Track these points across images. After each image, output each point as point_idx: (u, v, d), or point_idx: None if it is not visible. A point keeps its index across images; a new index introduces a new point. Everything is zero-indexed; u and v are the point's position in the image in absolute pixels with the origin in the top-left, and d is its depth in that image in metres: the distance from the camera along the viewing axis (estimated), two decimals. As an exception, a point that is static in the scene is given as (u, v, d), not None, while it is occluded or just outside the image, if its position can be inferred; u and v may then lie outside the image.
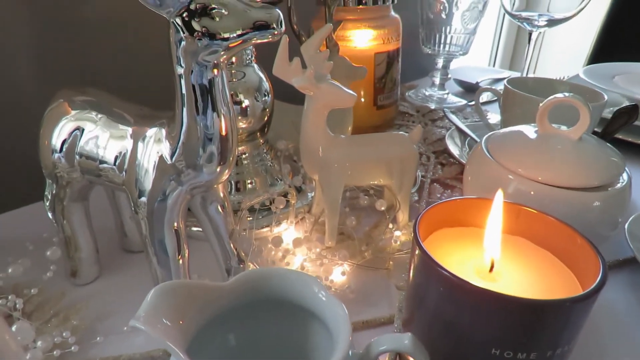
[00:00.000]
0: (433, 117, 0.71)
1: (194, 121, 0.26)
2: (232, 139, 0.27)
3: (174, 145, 0.27)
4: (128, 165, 0.28)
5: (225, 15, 0.23)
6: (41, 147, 0.31)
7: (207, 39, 0.24)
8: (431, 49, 0.76)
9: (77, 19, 0.51)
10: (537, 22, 0.63)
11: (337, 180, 0.39)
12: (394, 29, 0.61)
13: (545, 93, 0.54)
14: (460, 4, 0.71)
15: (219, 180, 0.29)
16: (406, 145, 0.40)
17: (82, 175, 0.30)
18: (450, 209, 0.29)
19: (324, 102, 0.37)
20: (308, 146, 0.38)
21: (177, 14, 0.23)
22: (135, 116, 0.29)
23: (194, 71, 0.25)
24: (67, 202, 0.33)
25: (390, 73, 0.63)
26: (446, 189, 0.49)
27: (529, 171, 0.34)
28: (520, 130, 0.38)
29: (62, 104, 0.31)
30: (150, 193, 0.28)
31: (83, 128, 0.29)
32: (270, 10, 0.24)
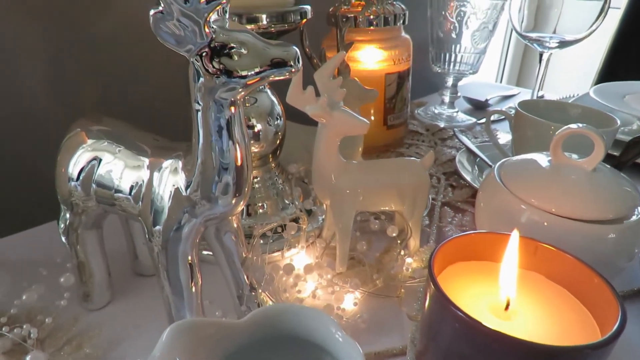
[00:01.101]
0: (443, 136, 0.71)
1: (210, 156, 0.26)
2: (247, 170, 0.28)
3: (189, 178, 0.27)
4: (144, 196, 0.29)
5: (244, 53, 0.23)
6: (58, 175, 0.31)
7: (225, 76, 0.24)
8: (441, 68, 0.76)
9: (91, 34, 0.51)
10: (549, 43, 0.63)
11: (349, 206, 0.39)
12: (405, 50, 0.62)
13: (557, 116, 0.54)
14: (470, 23, 0.72)
15: (233, 212, 0.29)
16: (418, 171, 0.40)
17: (98, 204, 0.31)
18: (465, 243, 0.29)
19: (337, 129, 0.37)
20: (320, 172, 0.39)
21: (196, 53, 0.23)
22: (153, 147, 0.29)
23: (211, 108, 0.25)
24: (82, 230, 0.33)
25: (401, 93, 0.63)
26: (457, 213, 0.49)
27: (542, 202, 0.34)
28: (534, 159, 0.38)
29: (79, 133, 0.31)
30: (165, 223, 0.28)
31: (101, 158, 0.30)
32: (288, 47, 0.25)
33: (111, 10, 0.52)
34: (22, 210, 0.48)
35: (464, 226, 0.47)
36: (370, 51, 0.60)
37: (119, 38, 0.54)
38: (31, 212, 0.47)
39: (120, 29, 0.53)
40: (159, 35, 0.22)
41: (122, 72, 0.55)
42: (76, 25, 0.50)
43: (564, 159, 0.36)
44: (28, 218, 0.47)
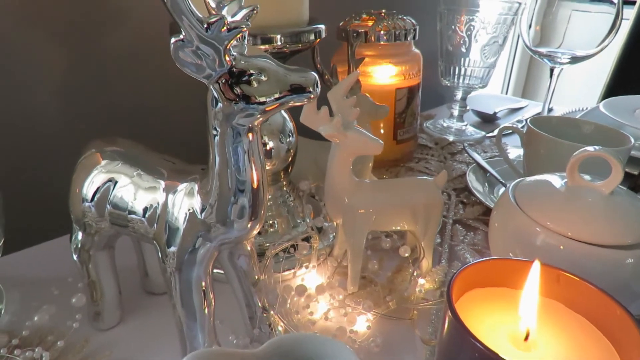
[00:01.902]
0: (452, 151, 0.70)
1: (226, 181, 0.26)
2: (263, 193, 0.27)
3: (205, 201, 0.27)
4: (159, 218, 0.28)
5: (264, 80, 0.23)
6: (72, 194, 0.31)
7: (244, 102, 0.24)
8: (450, 82, 0.76)
9: (103, 51, 0.52)
10: (560, 59, 0.63)
11: (362, 226, 0.39)
12: (415, 65, 0.62)
13: (569, 132, 0.54)
14: (479, 37, 0.72)
15: (248, 236, 0.28)
16: (431, 191, 0.40)
17: (111, 225, 0.30)
18: (483, 269, 0.28)
19: (351, 149, 0.37)
20: (333, 192, 0.38)
21: (216, 80, 0.23)
22: (169, 170, 0.29)
23: (229, 134, 0.25)
24: (94, 251, 0.33)
25: (411, 108, 0.63)
26: (469, 231, 0.49)
27: (558, 226, 0.34)
28: (549, 181, 0.38)
29: (94, 154, 0.31)
30: (180, 246, 0.28)
31: (116, 180, 0.29)
32: (306, 73, 0.24)
33: (125, 25, 0.52)
34: (32, 225, 0.48)
35: (476, 245, 0.47)
36: (380, 66, 0.60)
37: (133, 52, 0.54)
38: (41, 227, 0.47)
39: (133, 43, 0.54)
40: (179, 62, 0.22)
41: (134, 85, 0.56)
42: (91, 40, 0.51)
43: (581, 182, 0.35)
44: (38, 233, 0.47)
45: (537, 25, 0.64)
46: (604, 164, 0.34)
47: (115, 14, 0.51)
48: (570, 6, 0.65)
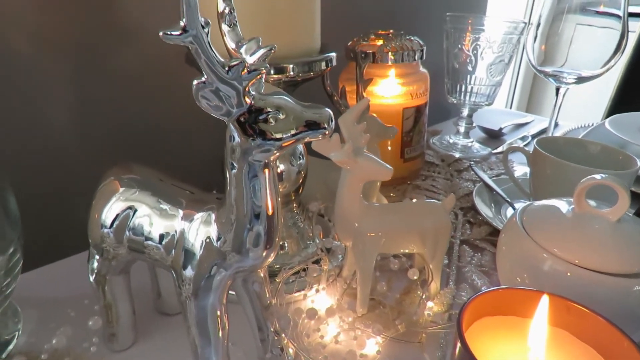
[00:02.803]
0: (458, 168, 0.71)
1: (243, 213, 0.27)
2: (278, 223, 0.28)
3: (221, 230, 0.28)
4: (177, 245, 0.29)
5: (281, 118, 0.24)
6: (91, 220, 0.32)
7: (261, 139, 0.25)
8: (457, 99, 0.77)
9: (112, 70, 0.53)
10: (566, 79, 0.64)
11: (371, 249, 0.40)
12: (422, 84, 0.62)
13: (576, 153, 0.54)
14: (485, 55, 0.73)
15: (263, 264, 0.29)
16: (440, 214, 0.41)
17: (129, 251, 0.31)
18: (493, 298, 0.29)
19: (361, 175, 0.37)
20: (343, 216, 0.39)
21: (235, 118, 0.24)
22: (187, 199, 0.30)
23: (245, 169, 0.26)
24: (110, 276, 0.34)
25: (418, 126, 0.64)
26: (476, 252, 0.49)
27: (565, 253, 0.34)
28: (556, 207, 0.38)
29: (112, 181, 0.32)
30: (196, 272, 0.29)
31: (135, 208, 0.30)
32: (321, 110, 0.25)
33: (133, 45, 0.53)
34: (47, 243, 0.49)
35: (483, 266, 0.47)
36: (388, 86, 0.61)
37: (141, 71, 0.55)
38: (56, 244, 0.48)
39: (142, 63, 0.55)
40: (200, 102, 0.23)
41: (142, 103, 0.57)
42: (101, 59, 0.52)
43: (588, 209, 0.36)
44: (53, 251, 0.48)
45: (543, 44, 0.65)
46: (611, 188, 0.35)
47: (124, 34, 0.52)
48: (574, 20, 0.66)
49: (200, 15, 0.21)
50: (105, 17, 0.50)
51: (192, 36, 0.21)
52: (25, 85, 0.47)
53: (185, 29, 0.20)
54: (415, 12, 0.87)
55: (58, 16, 0.47)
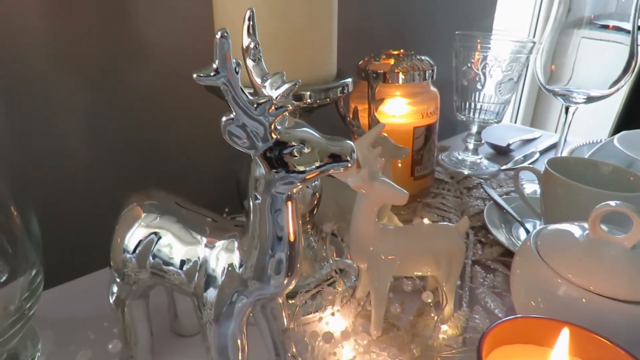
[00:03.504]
0: (468, 185, 0.71)
1: (265, 242, 0.27)
2: (299, 252, 0.29)
3: (244, 258, 0.28)
4: (199, 271, 0.30)
5: (305, 152, 0.25)
6: (114, 245, 0.33)
7: (284, 171, 0.25)
8: (465, 116, 0.77)
9: (127, 90, 0.54)
10: (575, 99, 0.64)
11: (386, 272, 0.40)
12: (433, 103, 0.63)
13: (587, 173, 0.55)
14: (494, 74, 0.73)
15: (283, 292, 0.30)
16: (453, 237, 0.41)
17: (151, 277, 0.32)
18: (512, 328, 0.29)
19: (377, 200, 0.38)
20: (358, 240, 0.39)
21: (261, 153, 0.25)
22: (210, 227, 0.30)
23: (268, 201, 0.26)
24: (130, 300, 0.34)
25: (428, 145, 0.64)
26: (488, 273, 0.49)
27: (580, 279, 0.34)
28: (571, 232, 0.39)
29: (135, 207, 0.32)
30: (218, 299, 0.29)
31: (159, 234, 0.31)
32: (344, 143, 0.26)
33: (147, 67, 0.54)
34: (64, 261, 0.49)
35: (496, 288, 0.47)
36: (399, 105, 0.62)
37: (154, 91, 0.56)
38: (73, 263, 0.49)
39: (155, 83, 0.56)
40: (227, 137, 0.24)
41: (156, 122, 0.57)
42: (116, 79, 0.53)
43: (603, 235, 0.36)
44: (70, 269, 0.48)
45: (552, 64, 0.65)
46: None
47: (138, 55, 0.53)
48: (581, 34, 0.66)
49: (232, 56, 0.21)
50: (121, 38, 0.51)
51: (224, 78, 0.21)
52: (43, 105, 0.48)
53: (217, 71, 0.21)
54: (424, 30, 0.88)
55: (76, 37, 0.48)
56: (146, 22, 0.52)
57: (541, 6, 1.68)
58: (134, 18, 0.52)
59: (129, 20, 0.51)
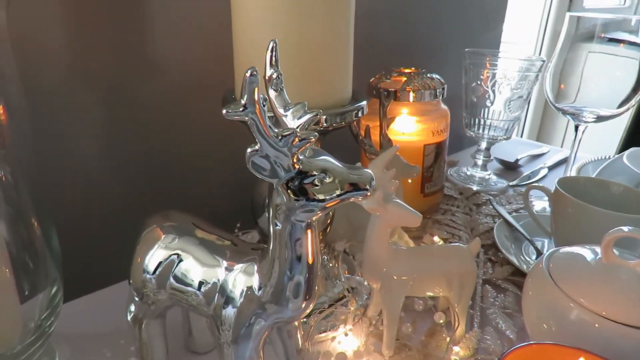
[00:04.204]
0: (477, 202, 0.72)
1: (284, 268, 0.28)
2: (317, 276, 0.29)
3: (263, 281, 0.29)
4: (218, 293, 0.30)
5: (327, 181, 0.25)
6: (134, 264, 0.34)
7: (305, 199, 0.26)
8: (474, 133, 0.78)
9: (139, 102, 0.55)
10: (585, 118, 0.65)
11: (398, 292, 0.40)
12: (443, 121, 0.64)
13: (597, 193, 0.55)
14: (503, 90, 0.74)
15: (301, 316, 0.30)
16: (465, 258, 0.41)
17: (170, 297, 0.32)
18: (527, 354, 0.30)
19: (391, 222, 0.38)
20: (372, 260, 0.40)
21: (283, 182, 0.25)
22: (230, 250, 0.31)
23: (288, 228, 0.27)
24: (147, 320, 0.35)
25: (438, 162, 0.65)
26: (499, 293, 0.50)
27: (592, 304, 0.35)
28: (583, 255, 0.39)
29: (155, 229, 0.33)
30: (236, 320, 0.30)
31: (180, 256, 0.32)
32: (363, 172, 0.27)
33: (159, 79, 0.55)
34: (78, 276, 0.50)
35: (506, 308, 0.47)
36: (409, 123, 0.62)
37: (166, 103, 0.57)
38: (88, 278, 0.49)
39: (166, 95, 0.56)
40: (251, 167, 0.25)
41: (167, 133, 0.58)
42: (128, 91, 0.53)
43: (615, 260, 0.37)
44: (85, 284, 0.49)
45: (561, 83, 0.66)
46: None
47: (150, 68, 0.54)
48: (588, 48, 0.67)
49: (259, 92, 0.22)
50: (133, 52, 0.52)
51: (251, 113, 0.22)
52: (58, 119, 0.49)
53: (245, 106, 0.22)
54: (433, 46, 0.89)
55: (90, 53, 0.49)
56: (158, 36, 0.53)
57: (548, 19, 1.69)
58: (147, 32, 0.53)
59: (142, 34, 0.52)
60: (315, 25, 0.37)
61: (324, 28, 0.37)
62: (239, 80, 0.41)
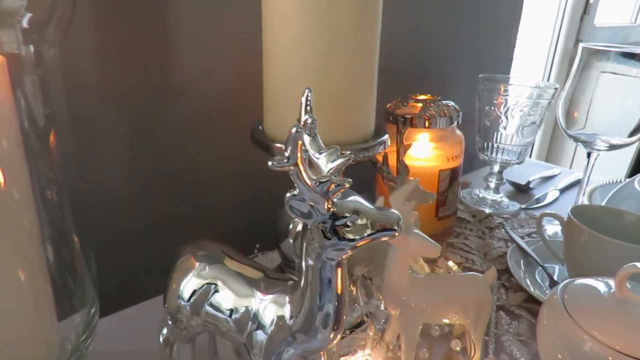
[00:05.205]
0: (490, 225, 0.73)
1: (315, 301, 0.30)
2: (345, 309, 0.31)
3: (294, 312, 0.31)
4: (251, 322, 0.32)
5: (359, 223, 0.27)
6: (170, 290, 0.35)
7: (336, 239, 0.28)
8: (487, 156, 0.79)
9: (164, 124, 0.57)
10: (597, 146, 0.66)
11: (417, 319, 0.42)
12: (458, 147, 0.65)
13: (610, 222, 0.56)
14: (516, 116, 0.75)
15: (329, 346, 0.32)
16: (481, 287, 0.43)
17: (204, 324, 0.34)
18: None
19: (411, 252, 0.40)
20: (391, 290, 0.41)
21: (318, 223, 0.27)
22: (264, 281, 0.33)
23: (319, 266, 0.29)
24: (178, 343, 0.37)
25: (452, 187, 0.66)
26: (513, 320, 0.51)
27: (606, 337, 0.36)
28: (597, 288, 0.40)
29: (189, 258, 0.35)
30: (267, 348, 0.32)
31: (215, 285, 0.33)
32: (390, 212, 0.28)
33: (182, 102, 0.57)
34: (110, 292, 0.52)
35: (521, 335, 0.49)
36: (425, 149, 0.64)
37: (190, 125, 0.59)
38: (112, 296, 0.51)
39: (190, 118, 0.59)
40: (289, 209, 0.27)
41: (190, 154, 0.60)
42: (153, 114, 0.56)
43: (629, 294, 0.38)
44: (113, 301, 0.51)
45: (575, 112, 0.67)
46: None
47: (174, 92, 0.57)
48: (599, 67, 0.68)
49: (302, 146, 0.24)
50: (163, 77, 0.55)
51: (294, 164, 0.24)
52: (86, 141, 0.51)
53: (289, 158, 0.24)
54: (446, 72, 0.91)
55: (119, 76, 0.51)
56: (185, 60, 0.56)
57: (559, 37, 1.71)
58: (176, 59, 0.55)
59: (171, 61, 0.55)
60: (343, 62, 0.39)
61: (350, 64, 0.39)
62: (267, 110, 0.44)
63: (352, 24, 0.38)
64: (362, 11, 0.38)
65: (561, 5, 1.65)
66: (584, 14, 1.66)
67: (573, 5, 1.63)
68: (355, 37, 0.38)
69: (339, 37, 0.38)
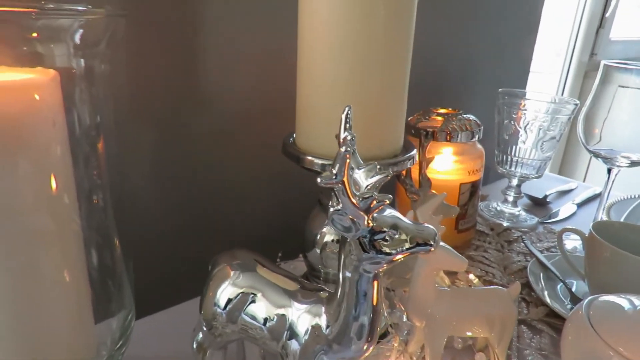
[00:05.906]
0: (508, 238, 0.73)
1: (351, 313, 0.31)
2: (379, 321, 0.32)
3: (330, 321, 0.32)
4: (287, 331, 0.33)
5: (397, 237, 0.28)
6: (207, 297, 0.37)
7: (374, 252, 0.29)
8: (506, 170, 0.80)
9: (189, 135, 0.58)
10: (618, 162, 0.66)
11: (442, 332, 0.43)
12: (479, 161, 0.66)
13: (632, 238, 0.56)
14: (535, 130, 0.76)
15: (361, 357, 0.33)
16: (506, 301, 0.44)
17: (240, 332, 0.35)
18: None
19: (437, 265, 0.41)
20: (417, 301, 0.42)
21: (358, 237, 0.28)
22: (300, 291, 0.34)
23: (355, 277, 0.30)
24: (211, 350, 0.38)
25: (472, 200, 0.67)
26: (535, 334, 0.51)
27: (632, 353, 0.36)
28: (623, 305, 0.41)
29: (225, 267, 0.37)
30: (302, 355, 0.33)
31: (253, 294, 0.35)
32: (426, 227, 0.29)
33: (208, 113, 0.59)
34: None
35: (542, 350, 0.49)
36: (447, 162, 0.65)
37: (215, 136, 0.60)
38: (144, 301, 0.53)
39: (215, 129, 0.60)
40: (331, 223, 0.28)
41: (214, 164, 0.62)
42: (179, 126, 0.57)
43: (654, 312, 0.38)
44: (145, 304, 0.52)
45: (595, 128, 0.68)
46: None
47: (200, 104, 0.58)
48: (619, 82, 0.68)
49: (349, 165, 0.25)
50: (187, 83, 0.56)
51: (341, 181, 0.25)
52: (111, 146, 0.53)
53: (336, 176, 0.25)
54: (465, 85, 0.92)
55: (145, 86, 0.53)
56: (213, 69, 0.57)
57: (574, 50, 1.71)
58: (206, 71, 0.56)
59: (201, 72, 0.56)
60: (375, 77, 0.40)
61: (382, 80, 0.41)
62: (299, 123, 0.45)
63: (386, 38, 0.39)
64: (396, 26, 0.39)
65: (577, 19, 1.66)
66: (600, 27, 1.67)
67: (589, 19, 1.63)
68: (389, 51, 0.39)
69: (373, 52, 0.39)
